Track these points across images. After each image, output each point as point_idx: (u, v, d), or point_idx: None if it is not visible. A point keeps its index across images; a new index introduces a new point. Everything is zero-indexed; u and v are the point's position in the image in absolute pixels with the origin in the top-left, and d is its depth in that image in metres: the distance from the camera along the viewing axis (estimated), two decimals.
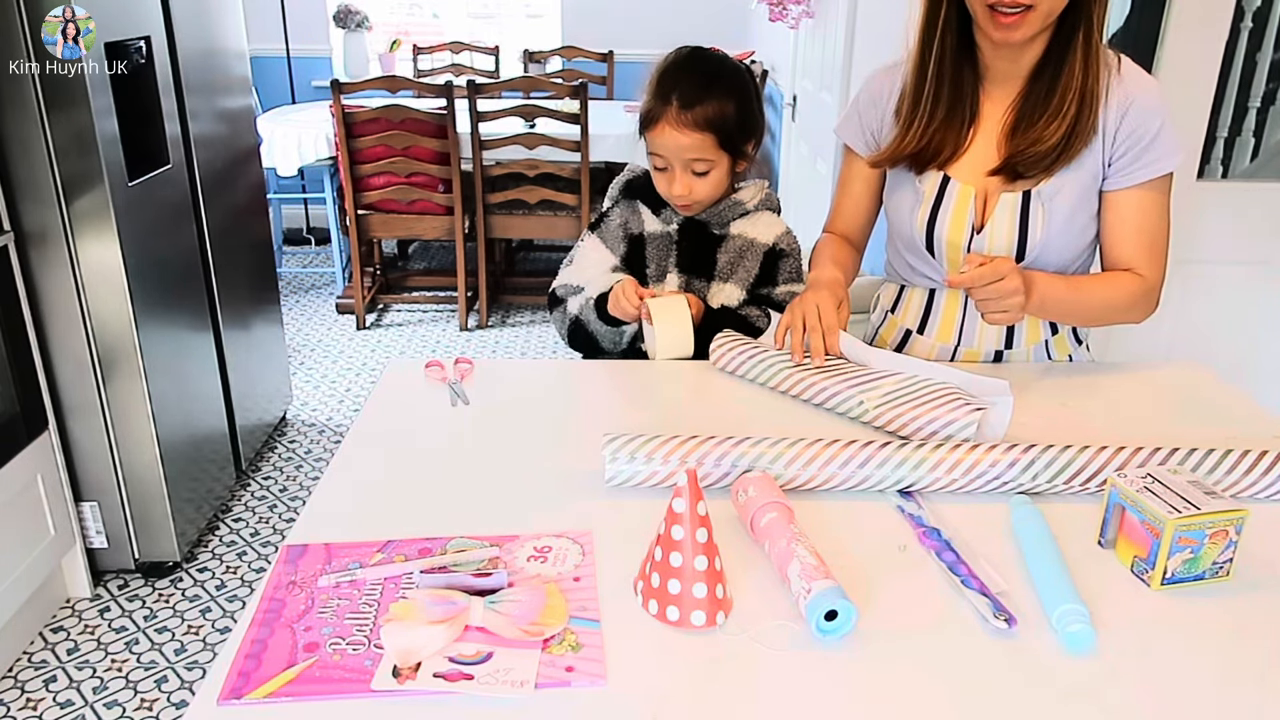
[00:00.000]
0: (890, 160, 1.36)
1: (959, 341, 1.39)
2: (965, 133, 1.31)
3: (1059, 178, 1.27)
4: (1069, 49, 1.21)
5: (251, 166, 2.85)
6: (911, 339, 1.44)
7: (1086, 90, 1.22)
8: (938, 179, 1.33)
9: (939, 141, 1.31)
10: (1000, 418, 1.11)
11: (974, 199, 1.31)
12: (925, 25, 1.27)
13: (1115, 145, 1.25)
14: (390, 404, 1.25)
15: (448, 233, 3.86)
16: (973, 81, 1.30)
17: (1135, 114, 1.23)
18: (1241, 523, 0.86)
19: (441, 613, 0.78)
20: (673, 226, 1.49)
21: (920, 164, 1.34)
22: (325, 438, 3.08)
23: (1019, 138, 1.27)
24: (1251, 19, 2.08)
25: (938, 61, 1.28)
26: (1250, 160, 2.22)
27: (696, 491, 0.81)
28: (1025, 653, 0.79)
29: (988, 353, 1.39)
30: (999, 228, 1.30)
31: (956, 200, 1.32)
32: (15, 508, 1.97)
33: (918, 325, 1.43)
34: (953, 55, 1.27)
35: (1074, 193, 1.27)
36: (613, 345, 1.48)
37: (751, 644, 0.80)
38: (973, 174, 1.31)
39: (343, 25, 4.72)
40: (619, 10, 4.94)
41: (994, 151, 1.30)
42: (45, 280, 2.02)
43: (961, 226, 1.32)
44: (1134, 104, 1.23)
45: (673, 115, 1.35)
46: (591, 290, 1.45)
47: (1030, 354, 1.39)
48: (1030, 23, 1.16)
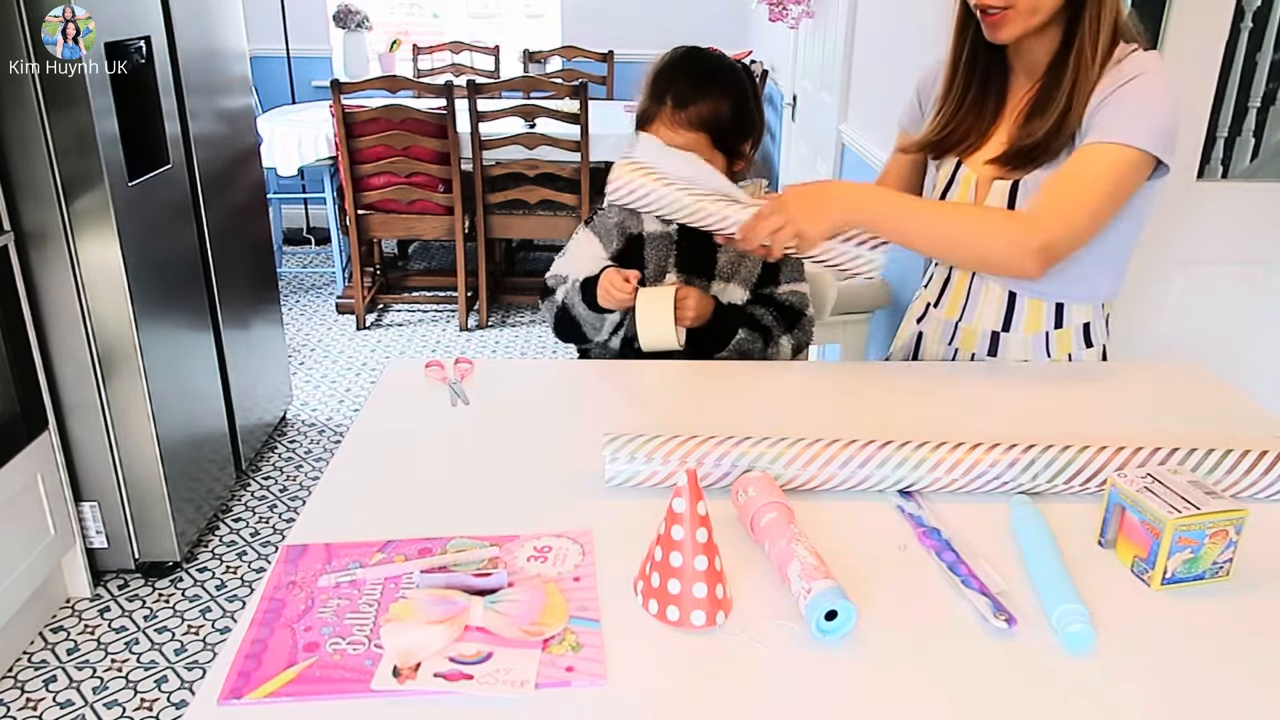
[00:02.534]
0: (918, 146, 1.42)
1: (961, 317, 1.43)
2: (990, 124, 1.35)
3: (1046, 169, 1.28)
4: (1072, 45, 1.22)
5: (251, 166, 2.85)
6: (929, 312, 1.50)
7: (1077, 89, 1.23)
8: (952, 165, 1.38)
9: (965, 131, 1.35)
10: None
11: (974, 185, 1.34)
12: (959, 21, 1.32)
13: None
14: (390, 404, 1.25)
15: (448, 233, 3.86)
16: (1002, 76, 1.34)
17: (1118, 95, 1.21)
18: (1241, 523, 0.86)
19: (441, 613, 0.78)
20: (672, 226, 1.49)
21: (942, 151, 1.39)
22: (325, 438, 3.08)
23: (1018, 129, 1.30)
24: (1251, 19, 2.08)
25: (969, 57, 1.32)
26: (1250, 160, 2.22)
27: (696, 491, 0.81)
28: (1025, 653, 0.79)
29: (985, 331, 1.41)
30: None
31: (961, 185, 1.36)
32: (15, 508, 1.97)
33: (935, 299, 1.48)
34: (985, 49, 1.30)
35: None
36: (593, 332, 1.48)
37: (751, 644, 0.80)
38: (982, 162, 1.35)
39: (343, 25, 4.72)
40: (619, 10, 4.94)
41: (1004, 142, 1.33)
42: (45, 280, 2.02)
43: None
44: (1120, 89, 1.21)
45: (666, 115, 1.36)
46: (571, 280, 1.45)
47: (1029, 343, 1.39)
48: (1012, 21, 1.19)
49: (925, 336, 1.50)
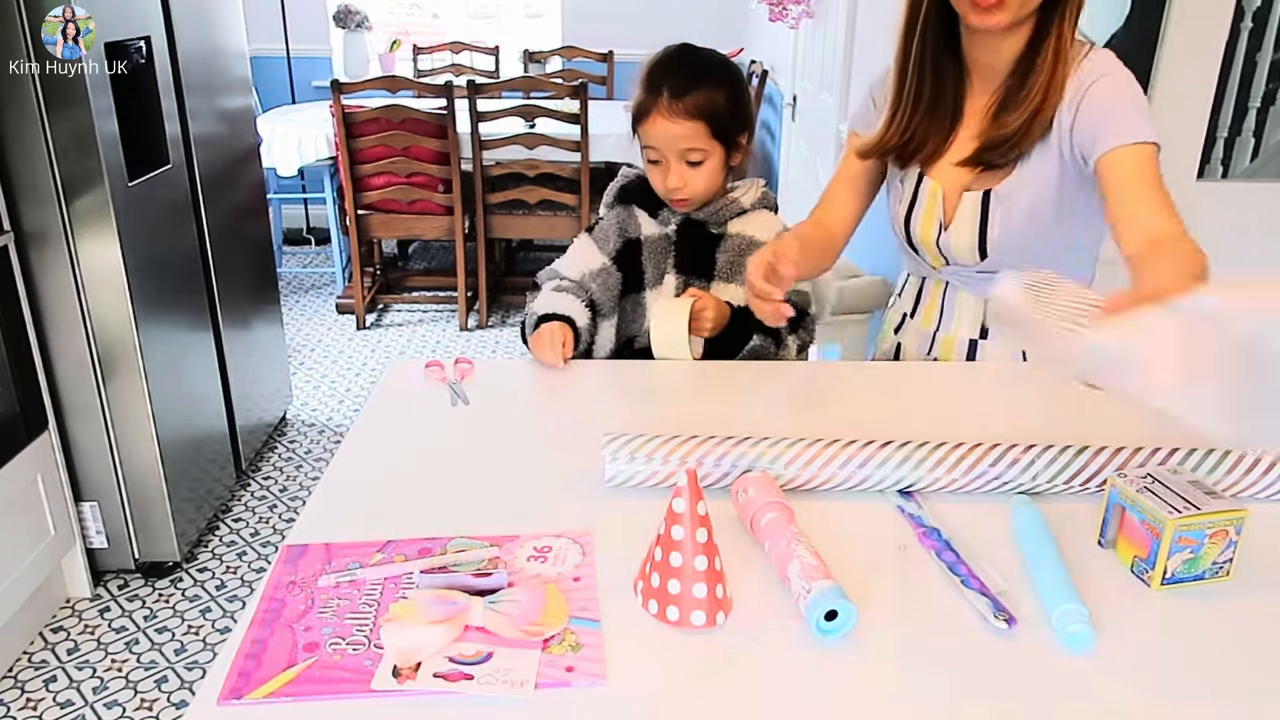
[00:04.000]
0: (874, 151, 1.38)
1: (938, 327, 1.43)
2: (949, 131, 1.33)
3: (1016, 177, 1.27)
4: (1044, 41, 1.22)
5: (251, 166, 2.85)
6: (906, 322, 1.50)
7: (1053, 82, 1.22)
8: (915, 176, 1.36)
9: (921, 137, 1.33)
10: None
11: (941, 197, 1.34)
12: (907, 20, 1.29)
13: (1076, 130, 1.23)
14: (390, 404, 1.25)
15: (448, 233, 3.86)
16: (955, 80, 1.31)
17: (1094, 93, 1.21)
18: (1241, 523, 0.86)
19: (441, 613, 0.78)
20: (670, 228, 1.49)
21: (904, 158, 1.36)
22: (325, 438, 3.08)
23: (988, 127, 1.28)
24: (1251, 19, 2.08)
25: (919, 57, 1.29)
26: (1250, 160, 2.22)
27: (696, 491, 0.81)
28: (1025, 653, 0.79)
29: (962, 340, 1.42)
30: (961, 225, 1.33)
31: (927, 198, 1.35)
32: (15, 508, 1.97)
33: (910, 309, 1.49)
34: (934, 51, 1.29)
35: (1032, 191, 1.28)
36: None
37: (751, 644, 0.79)
38: (948, 171, 1.33)
39: (343, 25, 4.72)
40: (619, 10, 4.94)
41: (970, 148, 1.31)
42: (45, 280, 2.02)
43: (931, 223, 1.36)
44: (1093, 86, 1.21)
45: (664, 105, 1.37)
46: (540, 304, 1.44)
47: (1007, 351, 1.39)
48: (1008, 6, 1.17)
49: (904, 347, 1.50)
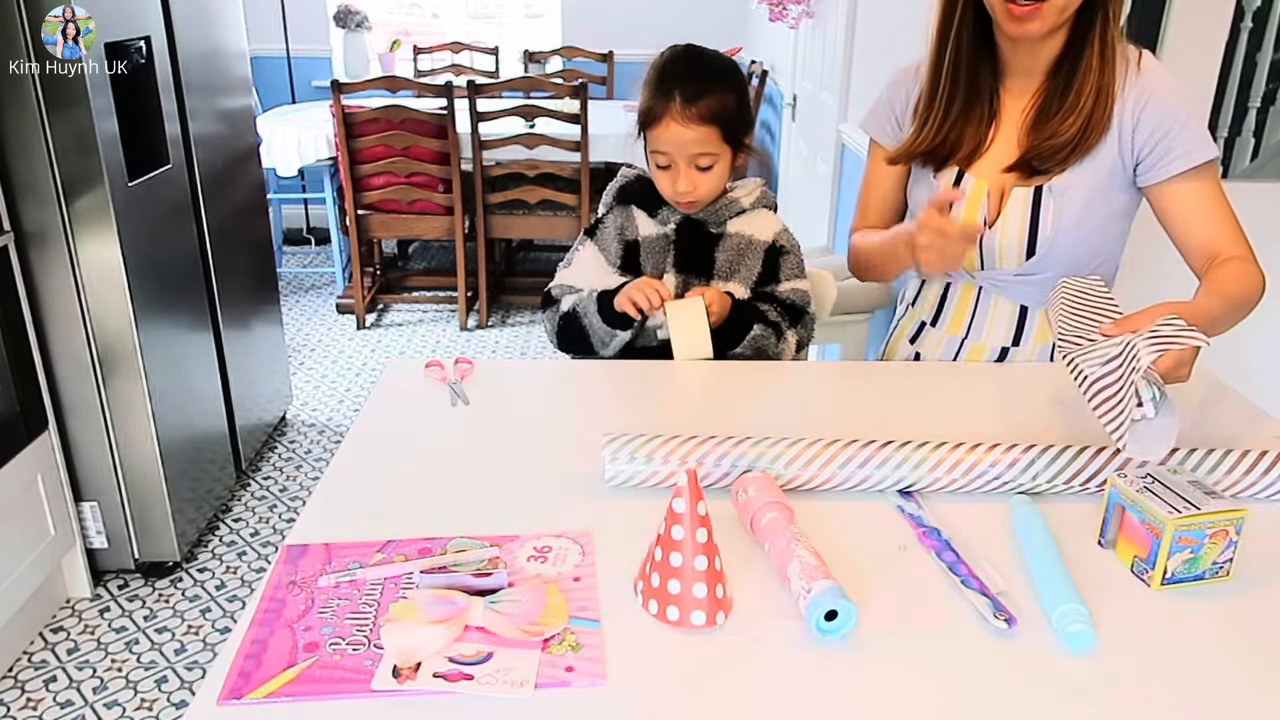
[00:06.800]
0: (907, 156, 1.38)
1: (967, 335, 1.41)
2: (986, 131, 1.32)
3: (1072, 173, 1.27)
4: (1086, 44, 1.22)
5: (251, 166, 2.85)
6: (925, 330, 1.46)
7: (1103, 85, 1.23)
8: (952, 175, 1.35)
9: (956, 138, 1.33)
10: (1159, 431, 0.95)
11: (986, 194, 1.32)
12: (942, 22, 1.29)
13: (1136, 140, 1.25)
14: (390, 404, 1.25)
15: (448, 233, 3.86)
16: (991, 79, 1.31)
17: (1154, 108, 1.23)
18: (1241, 523, 0.86)
19: (441, 613, 0.78)
20: (669, 227, 1.49)
21: (938, 161, 1.35)
22: (325, 438, 3.08)
23: (1036, 133, 1.28)
24: (1251, 19, 2.08)
25: (954, 58, 1.29)
26: (1250, 160, 2.22)
27: (696, 491, 0.81)
28: (1025, 653, 0.79)
29: (994, 347, 1.40)
30: (1010, 223, 1.31)
31: (969, 196, 1.33)
32: (15, 508, 1.97)
33: (931, 317, 1.45)
34: (970, 53, 1.28)
35: (1086, 189, 1.27)
36: (601, 345, 1.47)
37: (751, 644, 0.79)
38: (991, 171, 1.32)
39: (343, 25, 4.72)
40: (619, 10, 4.94)
41: (1013, 149, 1.31)
42: (45, 280, 2.02)
43: (973, 221, 1.33)
44: (1152, 98, 1.23)
45: (677, 110, 1.36)
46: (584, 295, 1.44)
47: (1037, 355, 1.39)
48: (1045, 15, 1.17)
49: (923, 357, 1.48)
